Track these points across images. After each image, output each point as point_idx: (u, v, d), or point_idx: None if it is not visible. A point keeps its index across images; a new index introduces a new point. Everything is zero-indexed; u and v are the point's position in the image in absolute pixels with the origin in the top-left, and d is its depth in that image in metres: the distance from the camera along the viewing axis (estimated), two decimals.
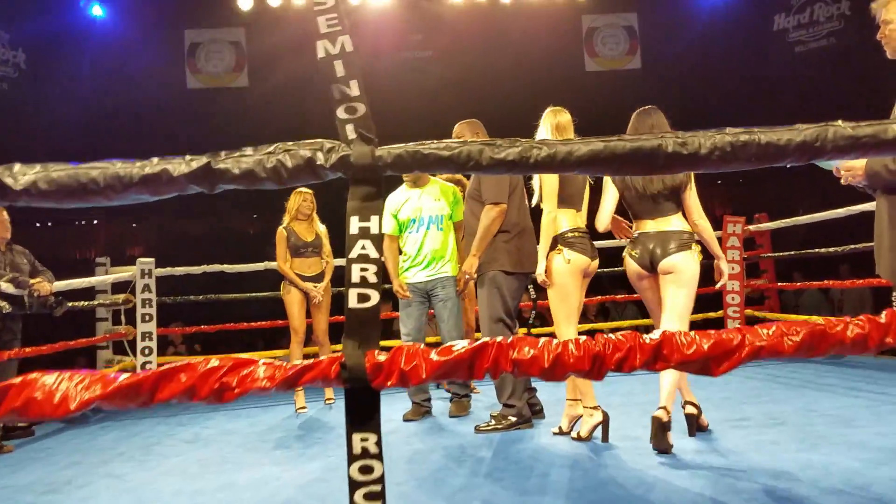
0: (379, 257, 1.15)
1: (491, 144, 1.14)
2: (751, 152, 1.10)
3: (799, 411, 3.77)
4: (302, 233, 5.09)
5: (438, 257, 4.37)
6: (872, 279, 6.43)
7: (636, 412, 3.94)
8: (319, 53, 1.17)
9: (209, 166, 1.12)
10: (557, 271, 3.48)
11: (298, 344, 5.12)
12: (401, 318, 4.52)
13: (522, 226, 3.98)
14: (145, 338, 6.48)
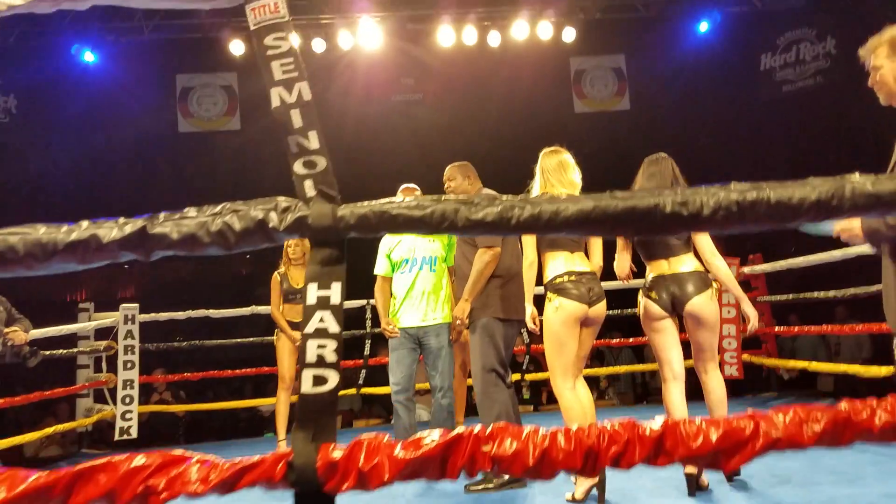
0: (339, 332, 1.01)
1: (468, 203, 1.02)
2: (759, 212, 0.98)
3: (804, 468, 3.59)
4: (295, 278, 5.00)
5: (430, 299, 4.22)
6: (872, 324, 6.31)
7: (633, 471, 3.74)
8: (274, 102, 1.05)
9: (144, 231, 0.99)
10: (548, 320, 3.29)
11: (285, 391, 4.97)
12: (390, 366, 4.35)
13: (516, 270, 3.84)
14: (126, 386, 6.31)
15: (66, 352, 6.08)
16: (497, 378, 3.76)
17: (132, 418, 6.19)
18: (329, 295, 1.00)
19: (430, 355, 4.23)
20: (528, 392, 7.86)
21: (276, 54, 1.04)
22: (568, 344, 3.27)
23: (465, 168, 4.15)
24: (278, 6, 1.03)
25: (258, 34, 1.04)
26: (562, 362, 3.29)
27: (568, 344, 3.27)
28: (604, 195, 1.01)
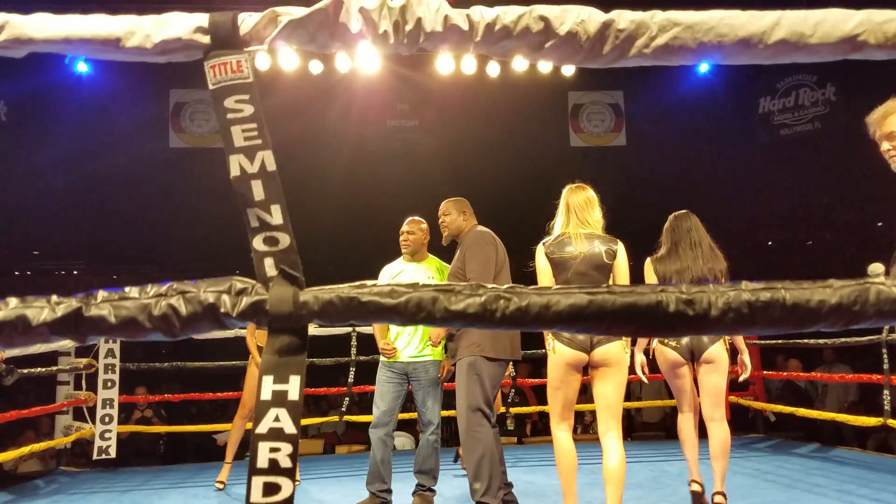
0: (296, 433, 0.88)
1: (447, 292, 0.90)
2: (773, 315, 0.87)
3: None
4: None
5: (423, 337, 4.13)
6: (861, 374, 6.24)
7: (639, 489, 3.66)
8: (233, 171, 0.93)
9: (79, 313, 0.87)
10: (549, 361, 3.26)
11: (243, 419, 4.83)
12: (376, 394, 4.22)
13: None
14: (106, 405, 6.15)
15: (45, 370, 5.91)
16: (482, 417, 3.67)
17: (111, 438, 6.03)
18: (286, 390, 0.88)
19: (419, 391, 4.14)
20: (512, 424, 7.72)
21: (236, 118, 0.92)
22: (561, 388, 3.19)
23: (460, 203, 4.06)
24: (241, 65, 0.92)
25: (217, 95, 0.93)
26: (556, 405, 3.24)
27: (561, 388, 3.19)
28: (601, 289, 0.90)
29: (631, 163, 10.30)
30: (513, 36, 0.92)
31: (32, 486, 5.25)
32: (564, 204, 3.37)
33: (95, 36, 0.90)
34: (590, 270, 3.20)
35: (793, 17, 0.92)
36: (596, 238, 3.25)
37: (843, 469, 4.80)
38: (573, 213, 3.31)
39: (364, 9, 0.90)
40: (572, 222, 3.29)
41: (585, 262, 3.21)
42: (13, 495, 4.85)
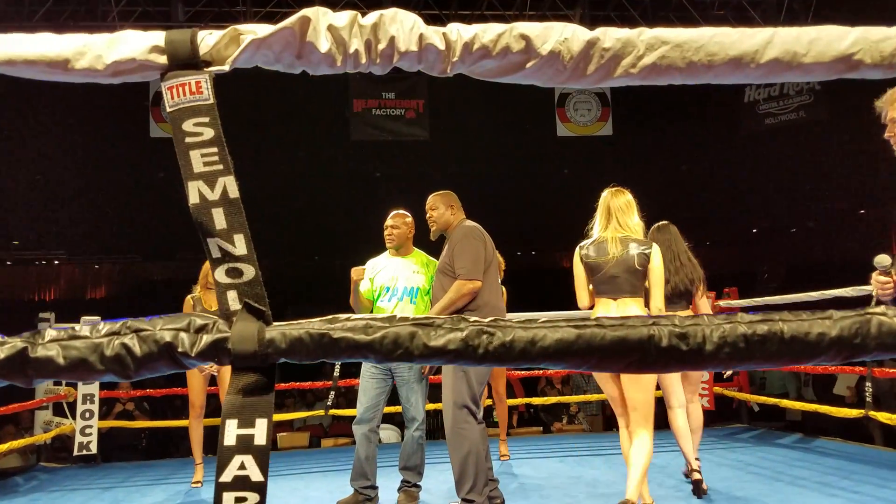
0: (264, 482, 0.83)
1: (426, 326, 0.85)
2: (771, 349, 0.83)
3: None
4: (208, 302, 4.82)
5: None
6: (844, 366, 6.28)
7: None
8: (192, 198, 0.87)
9: (24, 355, 0.81)
10: None
11: (196, 418, 4.80)
12: (360, 390, 4.17)
13: (493, 305, 3.71)
14: (86, 400, 6.06)
15: None
16: (468, 414, 3.63)
17: (92, 433, 5.95)
18: (252, 434, 0.82)
19: (403, 387, 4.10)
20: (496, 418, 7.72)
21: (195, 143, 0.86)
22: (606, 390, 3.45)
23: (447, 197, 3.98)
24: (201, 86, 0.85)
25: (175, 118, 0.87)
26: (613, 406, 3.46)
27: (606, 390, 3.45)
28: (589, 322, 0.85)
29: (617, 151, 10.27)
30: (492, 56, 0.86)
31: (12, 482, 5.18)
32: (605, 207, 3.41)
33: (42, 57, 0.83)
34: (621, 273, 3.26)
35: (786, 35, 0.87)
36: (632, 242, 3.31)
37: (825, 460, 4.83)
38: (613, 217, 3.37)
39: (333, 27, 0.84)
40: (611, 226, 3.36)
41: (618, 265, 3.26)
42: None
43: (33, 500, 4.56)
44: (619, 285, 3.27)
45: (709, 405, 6.42)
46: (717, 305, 6.62)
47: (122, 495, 4.62)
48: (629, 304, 3.28)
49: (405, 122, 10.27)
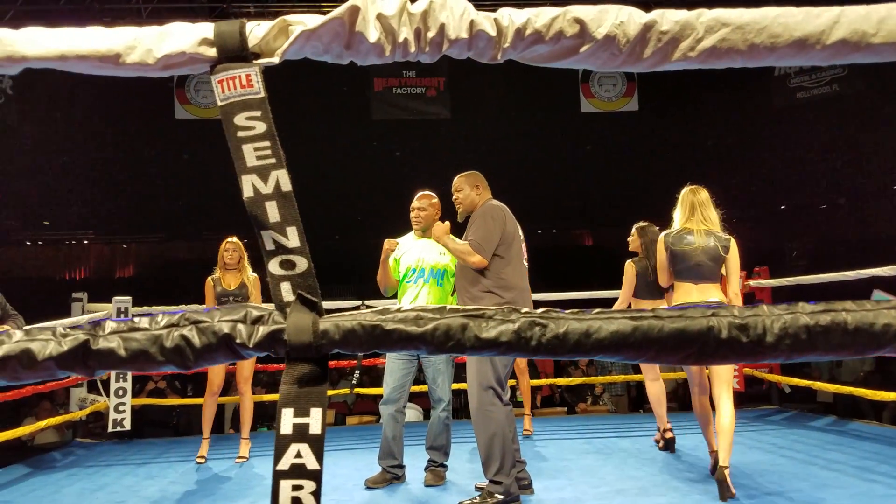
0: (319, 470, 0.83)
1: (478, 317, 0.84)
2: (834, 341, 0.81)
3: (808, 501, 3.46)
4: (227, 282, 4.90)
5: None
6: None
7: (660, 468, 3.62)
8: (246, 192, 0.87)
9: (86, 346, 0.81)
10: None
11: (212, 396, 4.93)
12: (386, 370, 4.21)
13: (519, 287, 3.67)
14: (120, 378, 6.18)
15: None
16: (494, 396, 3.61)
17: (125, 410, 6.07)
18: (307, 423, 0.83)
19: (429, 368, 4.11)
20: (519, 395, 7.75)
21: (248, 136, 0.85)
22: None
23: (473, 178, 3.92)
24: (251, 79, 0.85)
25: (227, 112, 0.86)
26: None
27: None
28: (647, 314, 0.84)
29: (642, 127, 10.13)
30: (545, 41, 0.84)
31: (50, 458, 5.31)
32: (688, 202, 3.78)
33: (93, 52, 0.82)
34: (706, 261, 3.63)
35: (853, 14, 0.84)
36: (713, 234, 3.69)
37: (862, 445, 4.74)
38: (697, 210, 3.73)
39: (382, 15, 0.83)
40: (695, 218, 3.73)
41: (704, 253, 3.64)
42: (31, 468, 4.91)
43: (71, 474, 4.67)
44: (703, 272, 3.62)
45: (738, 386, 6.36)
46: (747, 285, 6.53)
47: (156, 470, 4.72)
48: (710, 288, 3.62)
49: (426, 101, 10.22)
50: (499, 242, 3.62)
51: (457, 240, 3.71)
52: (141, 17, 8.70)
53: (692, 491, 3.69)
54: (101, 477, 4.58)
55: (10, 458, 5.12)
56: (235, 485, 4.25)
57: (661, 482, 3.91)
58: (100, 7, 8.59)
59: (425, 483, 4.06)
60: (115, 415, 5.99)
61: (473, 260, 3.56)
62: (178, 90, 9.92)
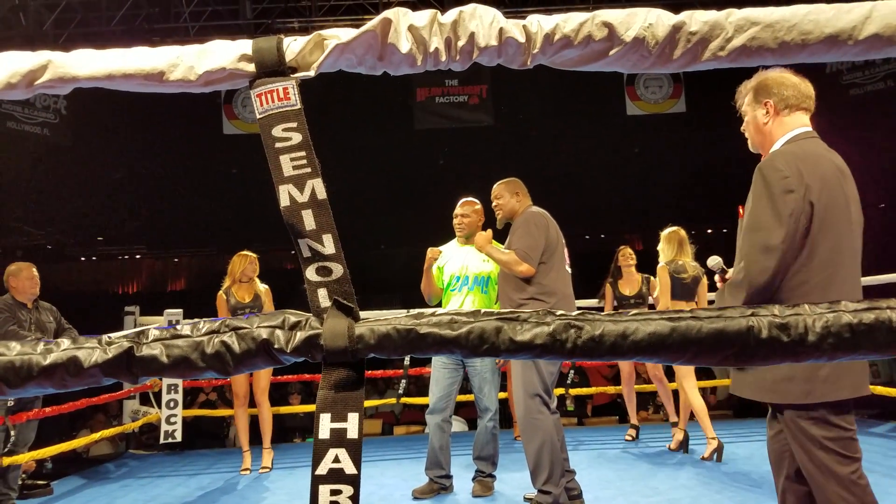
0: (357, 474, 0.85)
1: (512, 321, 0.85)
2: (878, 339, 0.79)
3: None
4: (240, 294, 4.98)
5: None
6: None
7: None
8: (283, 201, 0.89)
9: (130, 354, 0.85)
10: None
11: (241, 407, 5.03)
12: (431, 380, 4.21)
13: (562, 293, 3.64)
14: (171, 390, 6.32)
15: None
16: (541, 404, 3.57)
17: (176, 422, 6.20)
18: (345, 428, 0.84)
19: (475, 377, 4.09)
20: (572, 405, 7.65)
21: (285, 147, 0.88)
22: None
23: (512, 185, 3.92)
24: (288, 92, 0.88)
25: (265, 124, 0.89)
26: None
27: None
28: (684, 314, 0.83)
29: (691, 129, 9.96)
30: (574, 45, 0.85)
31: (104, 469, 5.46)
32: (675, 239, 4.84)
33: (139, 71, 0.87)
34: (692, 285, 4.73)
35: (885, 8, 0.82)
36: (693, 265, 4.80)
37: None
38: (683, 245, 4.83)
39: (413, 27, 0.85)
40: (683, 251, 4.82)
41: (693, 279, 4.72)
42: (86, 479, 5.06)
43: (124, 485, 4.80)
44: (691, 293, 4.71)
45: None
46: None
47: (207, 482, 4.81)
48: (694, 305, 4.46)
49: (469, 109, 10.24)
50: (543, 249, 3.60)
51: (502, 248, 3.71)
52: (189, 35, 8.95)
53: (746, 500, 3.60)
54: (153, 488, 4.69)
55: (66, 470, 5.30)
56: (286, 493, 4.31)
57: (715, 490, 3.82)
58: (148, 27, 8.87)
59: (473, 494, 4.04)
60: (167, 426, 6.12)
61: (521, 269, 3.55)
62: (226, 106, 10.16)
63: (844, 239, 1.88)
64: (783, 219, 1.79)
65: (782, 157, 1.91)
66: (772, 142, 2.05)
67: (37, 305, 4.66)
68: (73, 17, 8.79)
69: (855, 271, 1.93)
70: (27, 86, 0.88)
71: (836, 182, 1.91)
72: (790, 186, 1.82)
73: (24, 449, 4.42)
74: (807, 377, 1.81)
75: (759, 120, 2.06)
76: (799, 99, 2.04)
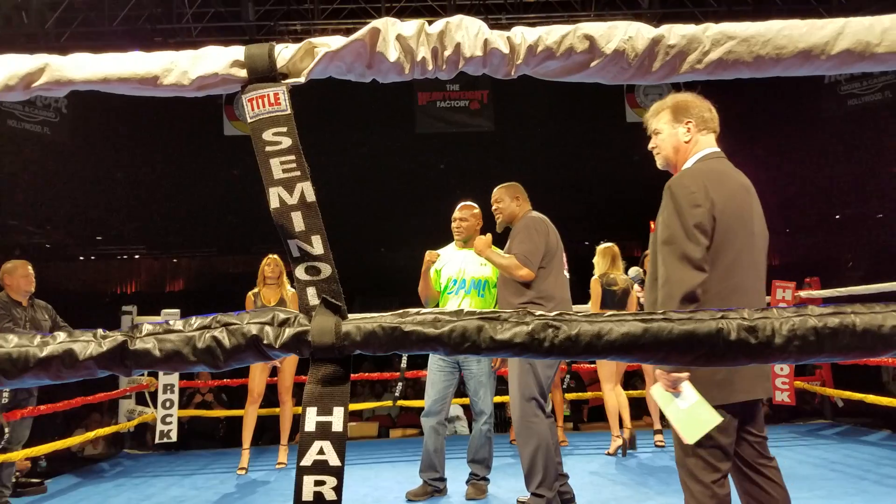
0: (341, 466, 0.88)
1: (493, 320, 0.88)
2: (842, 342, 0.82)
3: None
4: (266, 297, 5.07)
5: None
6: None
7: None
8: (272, 203, 0.93)
9: (124, 347, 0.88)
10: None
11: (253, 405, 5.10)
12: (427, 382, 4.23)
13: (560, 298, 3.67)
14: (167, 390, 6.33)
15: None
16: (536, 407, 3.60)
17: (172, 422, 6.22)
18: (330, 421, 0.87)
19: (471, 380, 4.11)
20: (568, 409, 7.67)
21: (275, 151, 0.92)
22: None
23: (512, 189, 3.95)
24: (279, 97, 0.91)
25: (255, 128, 0.92)
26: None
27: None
28: (656, 316, 0.86)
29: None
30: (556, 57, 0.88)
31: (98, 468, 5.47)
32: (609, 254, 5.31)
33: (133, 75, 0.90)
34: (624, 298, 5.17)
35: (857, 25, 0.86)
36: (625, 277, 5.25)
37: None
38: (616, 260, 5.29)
39: (401, 36, 0.88)
40: (615, 266, 5.28)
41: (622, 292, 5.19)
42: (80, 477, 5.08)
43: (118, 484, 4.81)
44: (622, 303, 5.12)
45: (790, 400, 6.20)
46: (797, 296, 6.37)
47: (202, 482, 4.83)
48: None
49: (469, 114, 10.29)
50: (542, 254, 3.63)
51: (501, 253, 3.73)
52: (191, 36, 8.99)
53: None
54: (147, 487, 4.70)
55: (60, 468, 5.31)
56: (279, 495, 4.33)
57: None
58: (151, 28, 8.90)
59: (466, 496, 4.06)
60: (162, 426, 6.13)
61: (521, 273, 3.58)
62: (227, 107, 10.20)
63: (745, 252, 2.00)
64: (690, 230, 1.92)
65: (689, 174, 2.05)
66: (685, 160, 2.16)
67: (32, 303, 4.69)
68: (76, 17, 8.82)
69: (756, 283, 2.05)
70: (24, 88, 0.92)
71: (740, 198, 2.05)
72: (697, 201, 1.95)
73: (19, 447, 4.44)
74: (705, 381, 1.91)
75: (679, 138, 2.16)
76: (713, 121, 2.17)
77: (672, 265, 1.93)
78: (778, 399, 6.26)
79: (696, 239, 1.91)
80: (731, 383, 1.93)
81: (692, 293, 1.89)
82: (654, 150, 2.24)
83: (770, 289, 6.19)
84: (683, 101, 2.20)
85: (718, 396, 1.92)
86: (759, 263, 2.07)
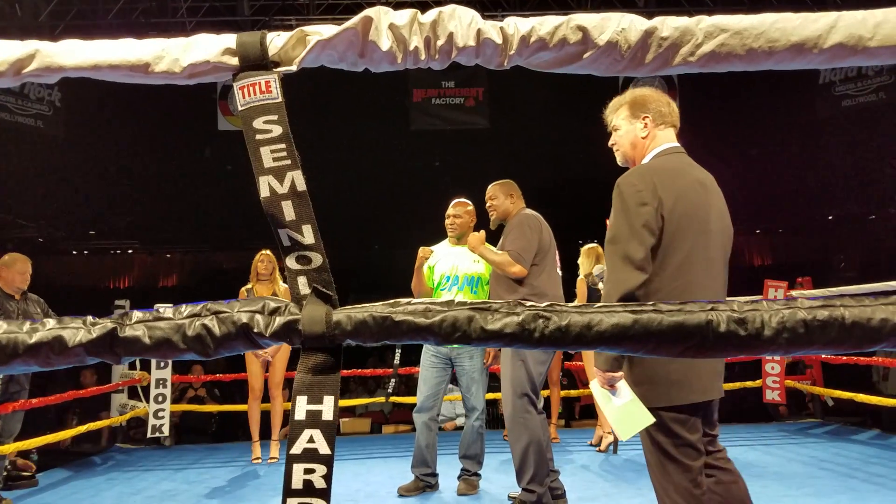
0: (331, 455, 0.88)
1: (483, 310, 0.88)
2: (831, 335, 0.82)
3: None
4: (260, 293, 5.14)
5: None
6: None
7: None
8: (262, 192, 0.93)
9: (114, 334, 0.88)
10: None
11: (255, 401, 5.23)
12: (420, 378, 4.23)
13: (553, 295, 3.68)
14: (159, 385, 6.32)
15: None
16: (528, 403, 3.60)
17: (164, 417, 6.21)
18: (320, 410, 0.87)
19: (463, 377, 4.12)
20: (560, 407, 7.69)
21: (265, 139, 0.91)
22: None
23: (507, 186, 3.96)
24: (270, 86, 0.91)
25: (246, 116, 0.92)
26: None
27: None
28: (646, 307, 0.86)
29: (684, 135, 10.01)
30: (549, 48, 0.88)
31: (89, 462, 5.46)
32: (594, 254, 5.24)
33: (124, 62, 0.90)
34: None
35: (850, 19, 0.86)
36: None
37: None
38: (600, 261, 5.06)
39: (394, 25, 0.88)
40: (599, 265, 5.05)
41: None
42: (71, 471, 5.06)
43: (110, 478, 4.80)
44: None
45: (780, 398, 6.24)
46: (790, 296, 6.41)
47: (194, 476, 4.82)
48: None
49: (465, 111, 10.28)
50: (535, 251, 3.64)
51: (494, 250, 3.73)
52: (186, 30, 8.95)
53: None
54: (139, 482, 4.69)
55: (51, 462, 5.29)
56: (270, 489, 4.33)
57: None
58: (146, 21, 8.86)
59: (458, 492, 4.07)
60: (155, 420, 6.12)
61: (514, 270, 3.58)
62: (221, 102, 10.16)
63: (699, 250, 1.95)
64: (635, 229, 1.88)
65: (638, 172, 2.01)
66: (643, 156, 2.12)
67: (25, 297, 4.67)
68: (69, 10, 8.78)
69: (710, 281, 2.00)
70: (15, 74, 0.91)
71: (693, 195, 1.99)
72: (643, 200, 1.91)
73: (10, 440, 4.42)
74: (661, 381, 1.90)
75: (636, 134, 2.12)
76: (672, 116, 2.14)
77: (613, 265, 1.91)
78: (769, 398, 6.30)
79: (641, 239, 1.88)
80: (688, 383, 1.91)
81: (630, 294, 1.86)
82: (614, 147, 2.20)
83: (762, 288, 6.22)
84: (641, 95, 2.16)
85: (676, 396, 1.90)
86: (714, 261, 2.02)
